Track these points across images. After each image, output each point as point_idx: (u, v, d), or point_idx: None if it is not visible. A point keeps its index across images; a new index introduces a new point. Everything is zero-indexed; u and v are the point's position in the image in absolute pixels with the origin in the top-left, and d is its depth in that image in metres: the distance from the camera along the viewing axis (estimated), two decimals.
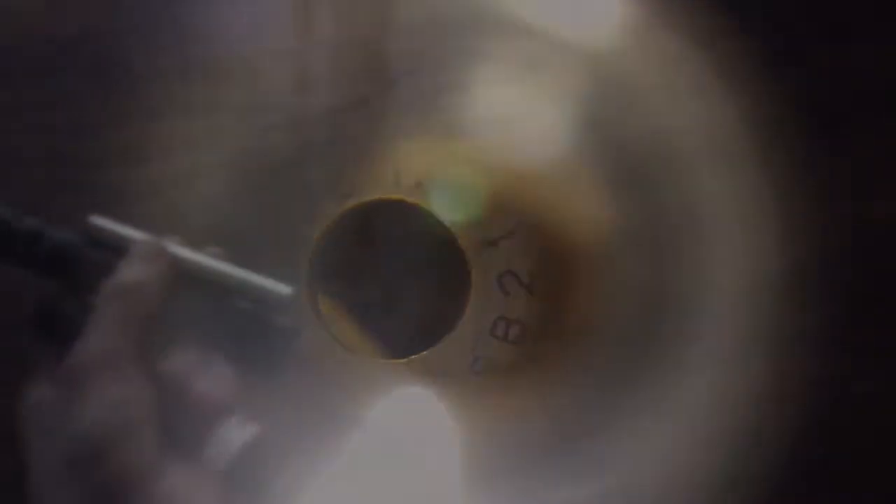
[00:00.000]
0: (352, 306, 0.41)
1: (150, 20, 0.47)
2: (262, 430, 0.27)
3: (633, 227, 0.41)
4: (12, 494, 0.25)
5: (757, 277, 0.40)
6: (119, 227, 0.28)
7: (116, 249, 0.27)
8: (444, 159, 0.42)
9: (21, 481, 0.24)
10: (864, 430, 0.39)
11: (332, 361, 0.39)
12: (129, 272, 0.26)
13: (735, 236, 0.40)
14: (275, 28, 0.57)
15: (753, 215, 0.40)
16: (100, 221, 0.28)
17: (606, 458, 0.38)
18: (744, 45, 0.43)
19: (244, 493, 0.27)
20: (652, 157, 0.41)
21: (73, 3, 0.47)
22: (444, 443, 0.38)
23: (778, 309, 0.40)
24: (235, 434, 0.27)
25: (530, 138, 0.42)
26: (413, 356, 0.39)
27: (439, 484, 0.38)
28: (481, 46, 0.47)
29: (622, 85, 0.43)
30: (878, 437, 0.39)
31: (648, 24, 0.45)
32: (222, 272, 0.28)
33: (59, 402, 0.25)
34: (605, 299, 0.40)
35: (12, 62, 0.45)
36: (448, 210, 0.40)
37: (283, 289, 0.27)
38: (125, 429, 0.24)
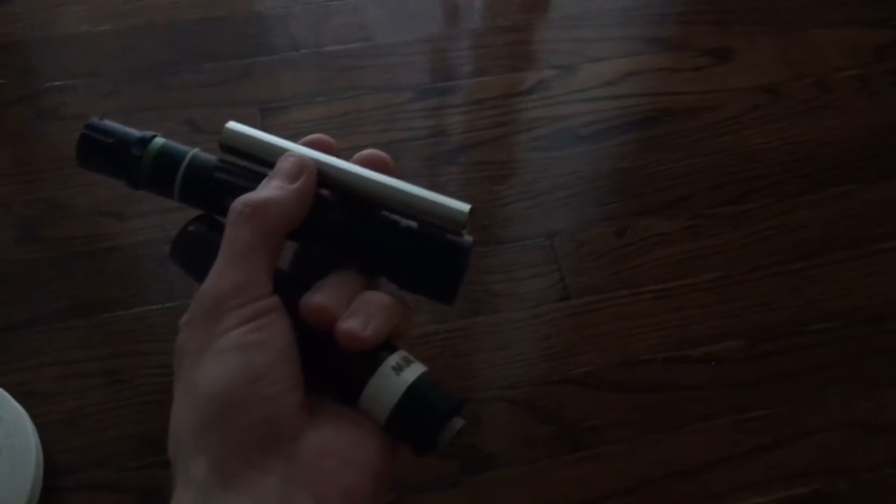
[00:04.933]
0: None
1: None
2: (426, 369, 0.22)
3: None
4: None
5: None
6: (260, 134, 0.24)
7: (256, 159, 0.24)
8: None
9: None
10: None
11: None
12: (266, 189, 0.22)
13: None
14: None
15: None
16: (237, 127, 0.25)
17: None
18: None
19: (410, 444, 0.22)
20: None
21: None
22: None
23: None
24: (397, 375, 0.21)
25: None
26: None
27: None
28: None
29: None
30: None
31: None
32: (392, 188, 0.23)
33: (193, 349, 0.20)
34: None
35: None
36: None
37: (461, 206, 0.23)
38: (260, 374, 0.20)
